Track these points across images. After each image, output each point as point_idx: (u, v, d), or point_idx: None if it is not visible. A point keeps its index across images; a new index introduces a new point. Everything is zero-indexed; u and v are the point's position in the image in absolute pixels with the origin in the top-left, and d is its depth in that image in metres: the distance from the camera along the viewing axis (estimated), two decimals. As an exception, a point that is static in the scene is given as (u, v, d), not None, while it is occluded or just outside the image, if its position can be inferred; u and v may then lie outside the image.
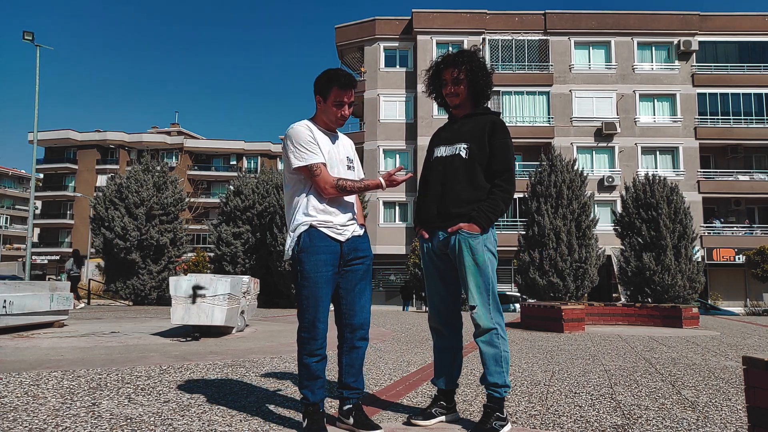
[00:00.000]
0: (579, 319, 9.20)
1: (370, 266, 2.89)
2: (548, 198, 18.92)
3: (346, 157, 2.88)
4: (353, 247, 2.79)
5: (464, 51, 3.03)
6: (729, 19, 31.47)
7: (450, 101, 3.01)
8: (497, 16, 31.63)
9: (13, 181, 73.66)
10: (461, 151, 2.88)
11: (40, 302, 7.62)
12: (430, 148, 3.10)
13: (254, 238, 19.34)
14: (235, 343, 6.53)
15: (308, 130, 2.77)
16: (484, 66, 3.01)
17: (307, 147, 2.71)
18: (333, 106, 2.77)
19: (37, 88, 21.85)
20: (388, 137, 31.20)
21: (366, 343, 2.85)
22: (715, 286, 29.18)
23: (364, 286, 2.83)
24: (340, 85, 2.75)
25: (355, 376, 2.82)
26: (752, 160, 31.64)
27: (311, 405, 2.69)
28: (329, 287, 2.72)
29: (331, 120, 2.82)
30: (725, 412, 3.35)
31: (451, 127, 3.05)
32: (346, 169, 2.84)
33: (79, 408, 3.13)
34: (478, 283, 2.78)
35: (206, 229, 38.25)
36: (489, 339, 2.77)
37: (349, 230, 2.79)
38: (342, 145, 2.90)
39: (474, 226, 2.78)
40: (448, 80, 2.96)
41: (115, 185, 18.83)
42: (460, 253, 2.80)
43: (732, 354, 6.27)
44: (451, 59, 2.98)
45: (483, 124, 2.91)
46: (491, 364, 2.76)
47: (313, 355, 2.70)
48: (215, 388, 3.79)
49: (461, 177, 2.86)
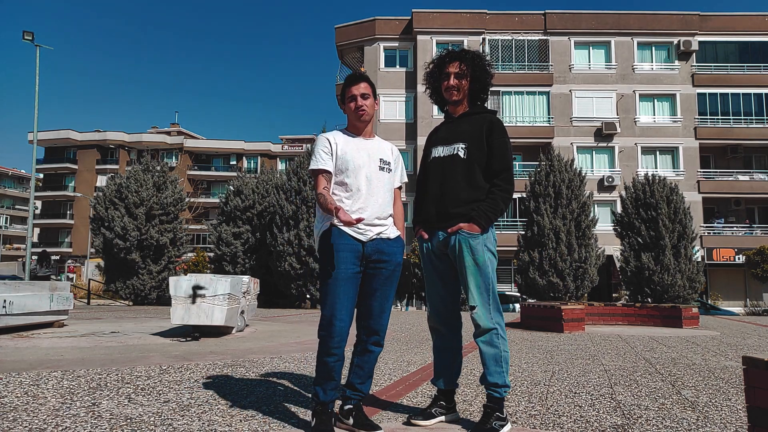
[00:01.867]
0: (579, 319, 9.20)
1: (395, 272, 2.83)
2: (547, 198, 18.93)
3: (380, 159, 2.89)
4: (377, 248, 2.77)
5: (470, 50, 3.04)
6: (729, 19, 31.46)
7: (450, 96, 2.97)
8: (497, 16, 31.61)
9: (13, 181, 73.63)
10: (459, 151, 2.88)
11: (40, 302, 7.62)
12: (427, 148, 3.09)
13: (254, 238, 19.34)
14: (235, 343, 6.53)
15: (327, 139, 2.86)
16: (488, 67, 3.02)
17: (318, 155, 2.83)
18: (348, 103, 2.87)
19: (37, 88, 21.85)
20: (388, 137, 31.09)
21: (380, 349, 2.85)
22: (715, 286, 29.17)
23: (386, 291, 2.80)
24: (347, 84, 2.89)
25: (363, 378, 2.82)
26: (752, 160, 31.62)
27: (320, 404, 2.69)
28: (350, 285, 2.70)
29: (352, 118, 2.89)
30: (725, 412, 3.35)
31: (447, 126, 3.04)
32: (377, 170, 2.86)
33: (79, 408, 3.13)
34: (478, 283, 2.78)
35: (206, 229, 38.25)
36: (489, 339, 2.77)
37: (373, 231, 2.78)
38: (377, 147, 2.93)
39: (474, 226, 2.78)
40: (452, 73, 2.93)
41: (114, 185, 18.84)
42: (460, 253, 2.80)
43: (732, 354, 6.27)
44: (457, 53, 2.98)
45: (480, 124, 2.90)
46: (491, 364, 2.76)
47: (330, 354, 2.68)
48: (215, 388, 3.79)
49: (460, 177, 2.85)
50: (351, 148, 2.85)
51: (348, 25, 33.22)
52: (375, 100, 2.89)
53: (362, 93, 2.85)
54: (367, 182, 2.81)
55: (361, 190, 2.79)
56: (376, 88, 2.95)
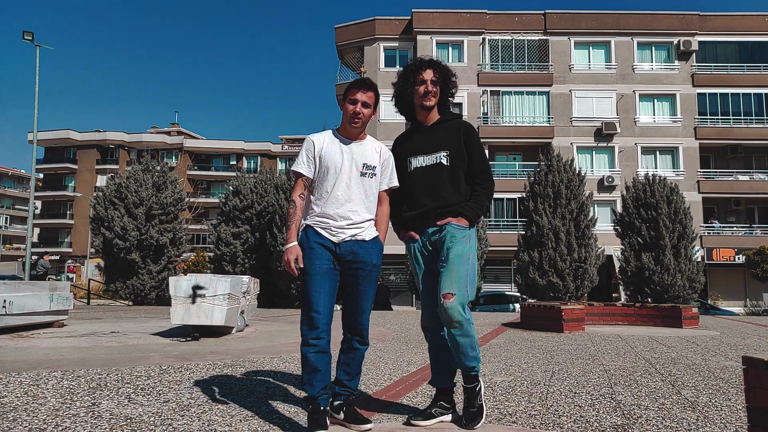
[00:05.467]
0: (579, 319, 9.20)
1: (371, 273, 2.89)
2: (546, 198, 18.92)
3: (364, 164, 2.91)
4: (351, 250, 2.83)
5: (437, 60, 3.10)
6: (729, 19, 31.45)
7: (425, 102, 3.01)
8: (497, 16, 31.61)
9: (13, 181, 73.62)
10: (443, 159, 2.99)
11: (39, 302, 7.61)
12: (401, 157, 3.08)
13: (253, 238, 19.33)
14: (235, 343, 6.53)
15: (313, 142, 2.91)
16: (453, 78, 3.09)
17: (300, 157, 2.92)
18: (347, 103, 2.88)
19: (37, 88, 21.85)
20: (388, 137, 31.16)
21: (365, 347, 2.92)
22: (714, 286, 29.17)
23: (363, 291, 2.87)
24: (354, 85, 2.91)
25: (350, 375, 2.90)
26: (752, 160, 31.62)
27: (312, 400, 2.74)
28: (326, 280, 2.78)
29: (346, 121, 2.90)
30: (725, 412, 3.35)
31: (421, 135, 3.08)
32: (358, 176, 2.88)
33: (79, 408, 3.13)
34: (460, 273, 2.83)
35: (206, 229, 38.24)
36: (464, 331, 2.81)
37: (345, 233, 2.83)
38: (363, 152, 2.93)
39: (462, 220, 2.92)
40: (428, 79, 2.99)
41: (114, 185, 18.81)
42: (447, 242, 2.88)
43: (732, 354, 6.27)
44: (429, 62, 3.05)
45: (456, 130, 3.02)
46: (468, 350, 2.85)
47: (310, 345, 2.75)
48: (215, 388, 3.79)
49: (447, 184, 2.97)
50: (335, 152, 2.89)
51: (348, 25, 33.21)
52: (374, 112, 2.92)
53: (365, 101, 2.87)
54: (345, 188, 2.86)
55: (338, 195, 2.85)
56: (379, 94, 2.95)
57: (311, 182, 2.91)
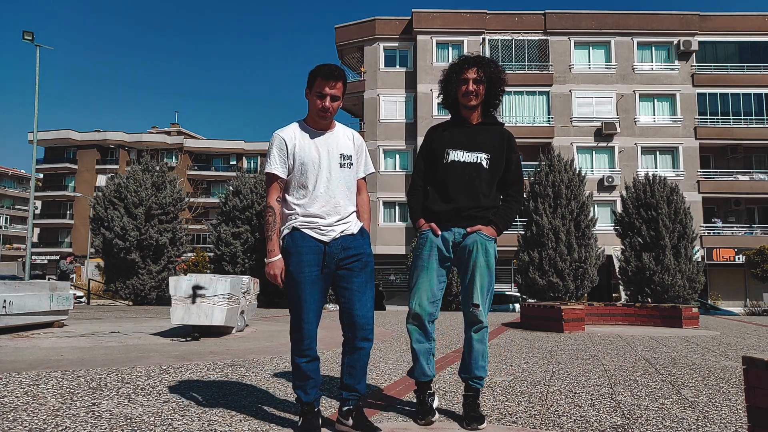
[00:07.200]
0: (579, 319, 9.20)
1: (368, 263, 2.80)
2: (546, 198, 18.93)
3: (341, 154, 2.79)
4: (343, 245, 2.74)
5: (486, 57, 3.10)
6: (729, 19, 31.45)
7: (468, 101, 2.97)
8: (497, 16, 31.61)
9: (13, 181, 73.61)
10: (483, 161, 2.98)
11: (39, 302, 7.61)
12: (439, 147, 3.04)
13: (253, 238, 19.33)
14: (235, 343, 6.53)
15: (284, 139, 2.75)
16: (502, 75, 3.05)
17: (272, 157, 2.75)
18: (315, 96, 2.71)
19: (37, 88, 21.88)
20: (388, 137, 31.19)
21: (369, 344, 2.78)
22: (715, 286, 29.17)
23: (362, 284, 2.76)
24: (323, 75, 2.69)
25: (356, 378, 2.77)
26: (752, 160, 31.62)
27: (305, 404, 2.73)
28: (315, 288, 2.69)
29: (314, 114, 2.75)
30: (725, 412, 3.35)
31: (464, 131, 3.04)
32: (338, 168, 2.77)
33: (79, 408, 3.13)
34: (484, 283, 2.91)
35: (206, 229, 38.23)
36: (482, 337, 2.95)
37: (335, 230, 2.74)
38: (336, 142, 2.80)
39: (491, 229, 2.95)
40: (470, 78, 2.95)
41: (114, 185, 18.82)
42: (475, 252, 2.90)
43: (732, 354, 6.27)
44: (475, 59, 3.02)
45: (500, 137, 3.03)
46: (479, 359, 2.94)
47: (303, 356, 2.72)
48: (215, 388, 3.79)
49: (483, 185, 2.97)
50: (309, 146, 2.75)
51: (348, 25, 33.22)
52: (341, 100, 2.77)
53: (333, 95, 2.71)
54: (326, 183, 2.74)
55: (319, 191, 2.73)
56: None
57: (285, 183, 2.77)
